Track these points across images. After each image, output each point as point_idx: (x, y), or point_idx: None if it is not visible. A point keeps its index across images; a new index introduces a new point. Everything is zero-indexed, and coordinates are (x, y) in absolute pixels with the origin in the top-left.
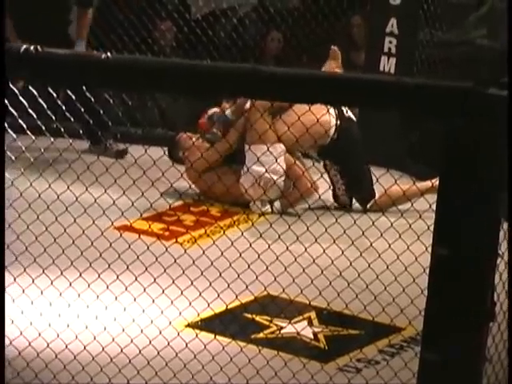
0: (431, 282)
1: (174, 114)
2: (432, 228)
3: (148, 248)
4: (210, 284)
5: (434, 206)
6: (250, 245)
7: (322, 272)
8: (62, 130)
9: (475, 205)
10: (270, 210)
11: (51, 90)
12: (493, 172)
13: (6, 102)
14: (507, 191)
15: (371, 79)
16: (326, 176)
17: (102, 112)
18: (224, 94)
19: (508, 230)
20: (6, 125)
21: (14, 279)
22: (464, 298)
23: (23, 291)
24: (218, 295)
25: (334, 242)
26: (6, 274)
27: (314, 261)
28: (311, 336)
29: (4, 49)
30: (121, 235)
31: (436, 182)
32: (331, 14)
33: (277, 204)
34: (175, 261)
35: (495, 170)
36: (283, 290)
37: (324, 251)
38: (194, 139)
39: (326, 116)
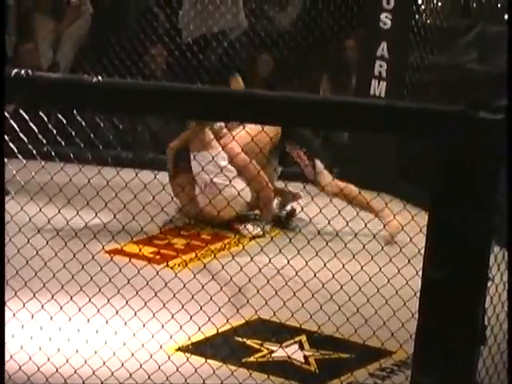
0: (422, 304)
1: (165, 137)
2: (422, 252)
3: (139, 272)
4: (201, 308)
5: (424, 230)
6: (241, 268)
7: (313, 295)
8: (53, 153)
9: (466, 228)
10: (261, 232)
11: (42, 114)
12: (484, 196)
13: None
14: (504, 209)
15: (362, 103)
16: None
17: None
18: (215, 118)
19: (508, 237)
20: None
21: (4, 303)
22: (455, 321)
23: (14, 315)
24: (209, 319)
25: (325, 265)
26: None
27: (304, 284)
28: (302, 359)
29: (4, 49)
30: (112, 259)
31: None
32: (322, 37)
33: (267, 227)
34: (166, 284)
35: (487, 194)
36: (274, 314)
37: (315, 275)
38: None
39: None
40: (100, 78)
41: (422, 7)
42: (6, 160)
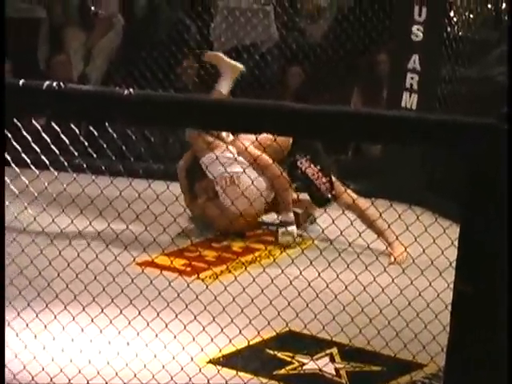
0: (453, 318)
1: None
2: (454, 264)
3: (170, 284)
4: (232, 320)
5: (456, 243)
6: (272, 281)
7: (344, 308)
8: (85, 165)
9: (498, 242)
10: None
11: (73, 126)
12: None
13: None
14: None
15: (394, 115)
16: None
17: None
18: (247, 130)
19: (508, 237)
20: (29, 161)
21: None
22: (486, 334)
23: (45, 327)
24: (240, 331)
25: (356, 278)
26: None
27: (335, 297)
28: (333, 372)
29: (4, 51)
30: (143, 271)
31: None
32: (354, 49)
33: (293, 229)
34: (197, 297)
35: None
36: (305, 326)
37: (346, 287)
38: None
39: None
40: (131, 90)
41: (454, 19)
42: (37, 172)
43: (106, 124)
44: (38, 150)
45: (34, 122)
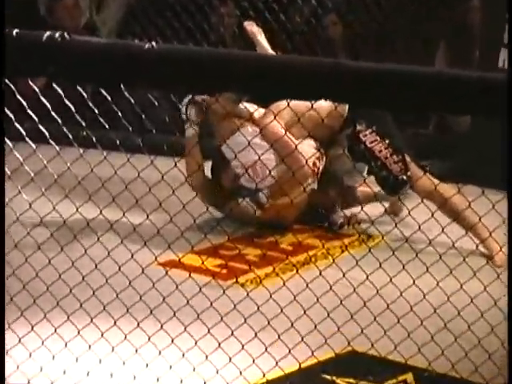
0: None
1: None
2: None
3: (200, 289)
4: (279, 336)
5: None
6: (331, 287)
7: (422, 323)
8: (94, 139)
9: None
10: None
11: (81, 90)
12: None
13: (25, 104)
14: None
15: (487, 79)
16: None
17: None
18: (298, 95)
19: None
20: (24, 133)
21: (32, 327)
22: None
23: (42, 343)
24: (290, 351)
25: (438, 284)
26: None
27: (411, 308)
28: None
29: (4, 50)
30: (167, 273)
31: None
32: None
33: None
34: (235, 306)
35: None
36: (372, 346)
37: (424, 296)
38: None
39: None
40: (154, 43)
41: None
42: (34, 146)
43: (122, 87)
44: (36, 118)
45: (30, 82)
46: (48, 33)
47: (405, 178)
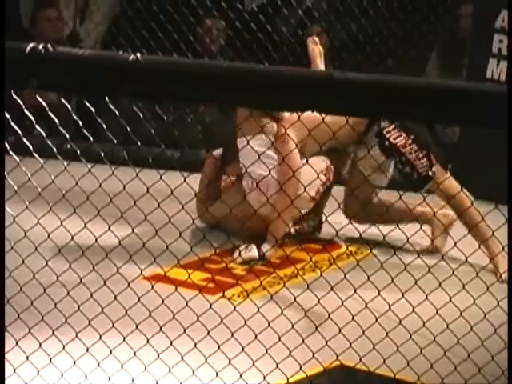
0: None
1: (221, 131)
2: None
3: (187, 304)
4: (267, 351)
5: None
6: (319, 301)
7: (411, 336)
8: (78, 151)
9: None
10: (256, 256)
11: (65, 102)
12: None
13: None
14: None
15: (476, 89)
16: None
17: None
18: (287, 108)
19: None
20: (7, 146)
21: (17, 342)
22: None
23: (27, 358)
24: (277, 365)
25: (427, 298)
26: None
27: (400, 322)
28: None
29: (4, 51)
30: (152, 287)
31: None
32: None
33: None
34: (222, 321)
35: None
36: (360, 360)
37: (413, 310)
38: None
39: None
40: (139, 55)
41: None
42: (18, 160)
43: (106, 98)
44: (19, 130)
45: (12, 94)
46: (31, 44)
47: (430, 173)
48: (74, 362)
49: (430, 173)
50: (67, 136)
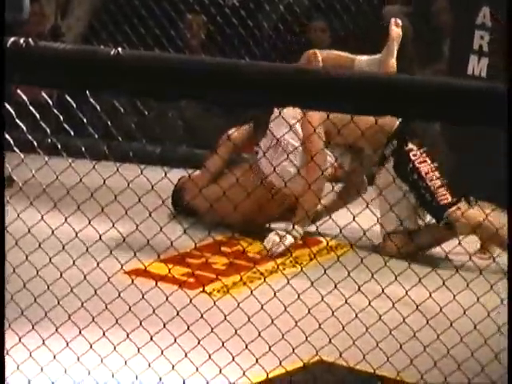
0: None
1: (202, 127)
2: None
3: (167, 299)
4: (246, 346)
5: None
6: (298, 296)
7: (391, 332)
8: (59, 146)
9: None
10: (292, 241)
11: (46, 96)
12: None
13: None
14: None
15: (456, 85)
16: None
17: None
18: (269, 104)
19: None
20: None
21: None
22: None
23: (7, 352)
24: (257, 361)
25: (407, 293)
26: None
27: (380, 317)
28: None
29: (4, 51)
30: (132, 281)
31: None
32: None
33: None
34: (202, 315)
35: None
36: (340, 355)
37: (393, 305)
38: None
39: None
40: (120, 49)
41: None
42: None
43: (87, 93)
44: None
45: None
46: (12, 39)
47: (447, 202)
48: (54, 357)
49: (447, 201)
50: (48, 131)
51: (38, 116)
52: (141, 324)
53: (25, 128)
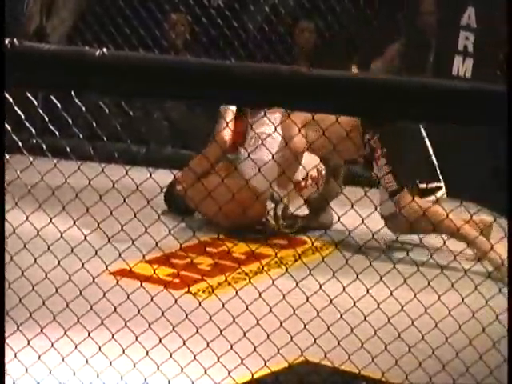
0: None
1: (188, 127)
2: None
3: (152, 299)
4: (231, 347)
5: None
6: (284, 297)
7: (376, 333)
8: (44, 146)
9: None
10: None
11: (30, 96)
12: None
13: None
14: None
15: (441, 86)
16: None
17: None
18: (251, 104)
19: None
20: None
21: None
22: None
23: None
24: (242, 361)
25: (391, 294)
26: None
27: (365, 318)
28: None
29: (4, 51)
30: (117, 282)
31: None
32: None
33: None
34: (187, 316)
35: None
36: (325, 356)
37: (378, 306)
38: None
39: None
40: (105, 50)
41: None
42: None
43: (72, 93)
44: None
45: None
46: None
47: (391, 190)
48: (39, 357)
49: (391, 189)
50: (32, 131)
51: (22, 116)
52: (126, 325)
53: (9, 128)
